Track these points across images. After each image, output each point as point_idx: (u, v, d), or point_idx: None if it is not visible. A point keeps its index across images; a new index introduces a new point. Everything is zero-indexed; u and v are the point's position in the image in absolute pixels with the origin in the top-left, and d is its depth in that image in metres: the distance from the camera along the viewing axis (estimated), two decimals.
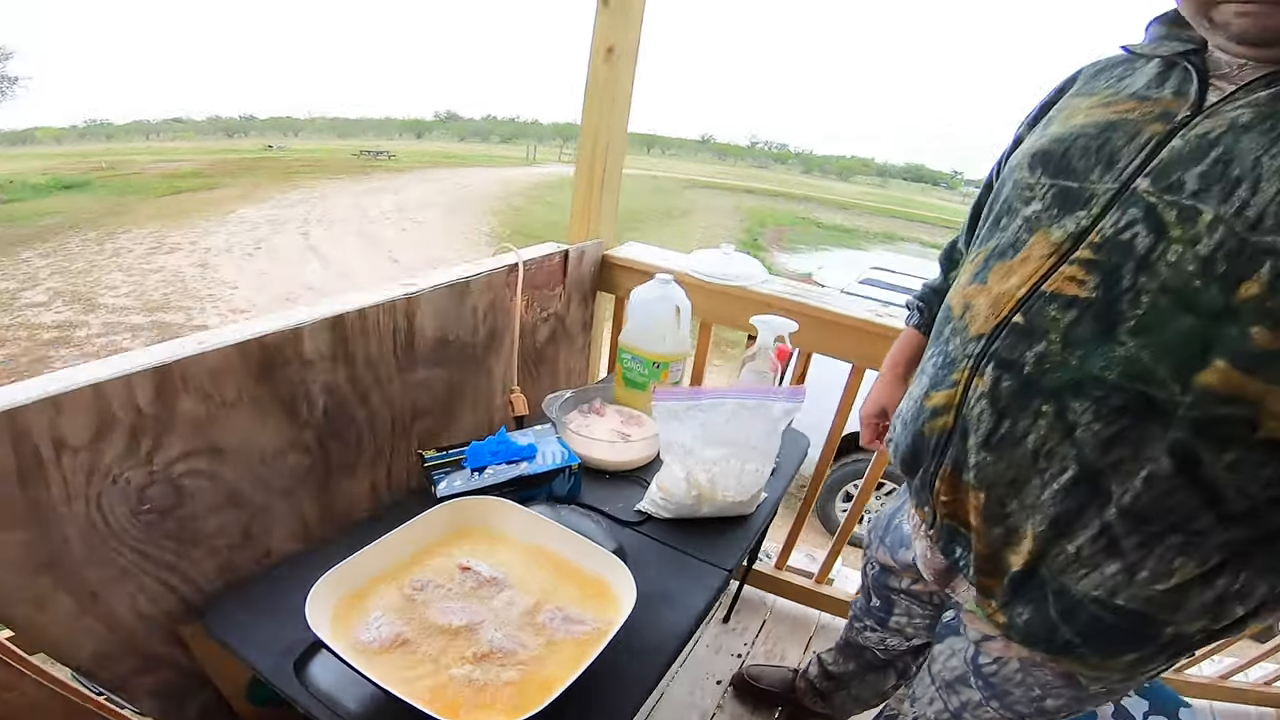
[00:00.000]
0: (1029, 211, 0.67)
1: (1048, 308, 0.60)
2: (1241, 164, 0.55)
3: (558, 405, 1.23)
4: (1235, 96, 0.59)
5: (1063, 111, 0.73)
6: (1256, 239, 0.52)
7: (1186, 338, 0.54)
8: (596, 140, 1.45)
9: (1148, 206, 0.58)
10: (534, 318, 1.37)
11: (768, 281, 1.42)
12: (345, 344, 0.96)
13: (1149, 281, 0.56)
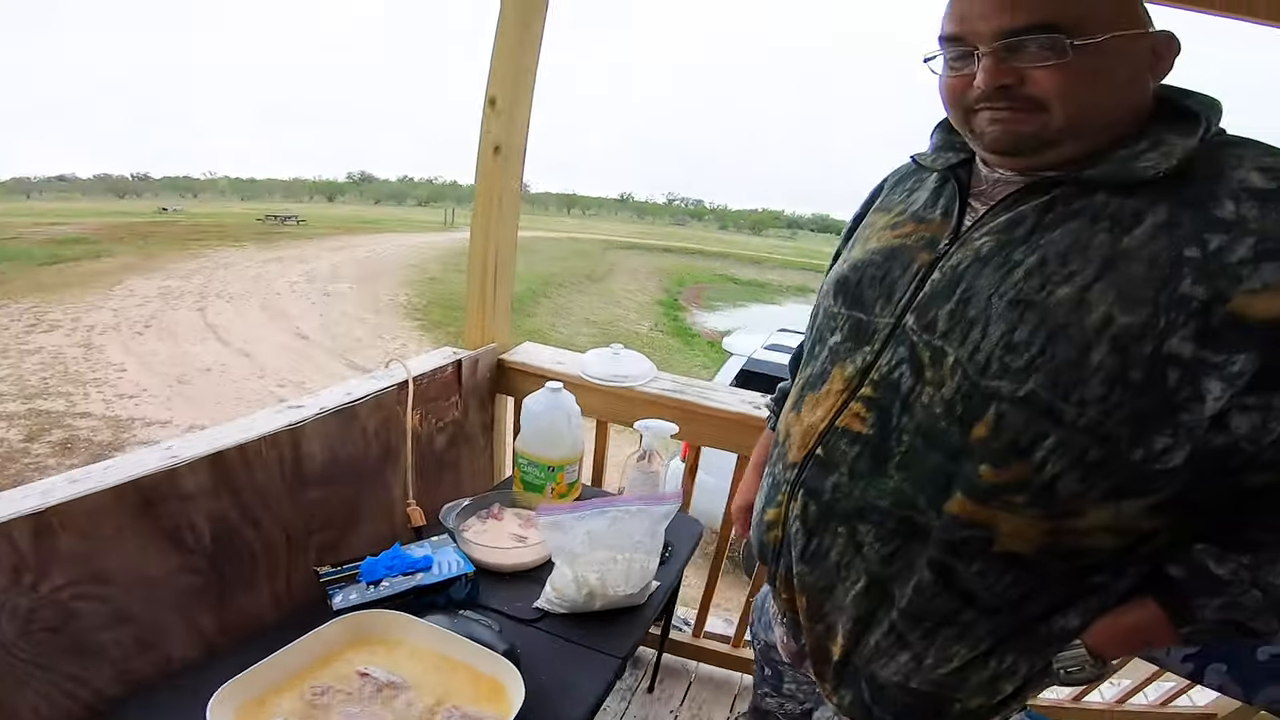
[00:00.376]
0: (833, 342, 0.77)
1: (840, 442, 0.71)
2: (977, 303, 0.64)
3: (454, 514, 1.27)
4: (984, 220, 0.69)
5: (865, 230, 0.84)
6: (985, 383, 0.61)
7: (935, 473, 0.64)
8: (487, 242, 1.53)
9: (911, 345, 0.67)
10: (430, 428, 1.41)
11: (656, 379, 1.52)
12: (227, 478, 0.98)
13: (909, 422, 0.66)
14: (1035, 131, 0.64)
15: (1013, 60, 0.63)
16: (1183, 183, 0.60)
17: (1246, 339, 0.55)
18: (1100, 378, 0.57)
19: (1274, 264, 0.55)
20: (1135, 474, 0.59)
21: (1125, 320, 0.57)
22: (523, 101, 1.48)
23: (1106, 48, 0.62)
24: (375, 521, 1.29)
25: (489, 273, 1.55)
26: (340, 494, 1.19)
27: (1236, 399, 0.56)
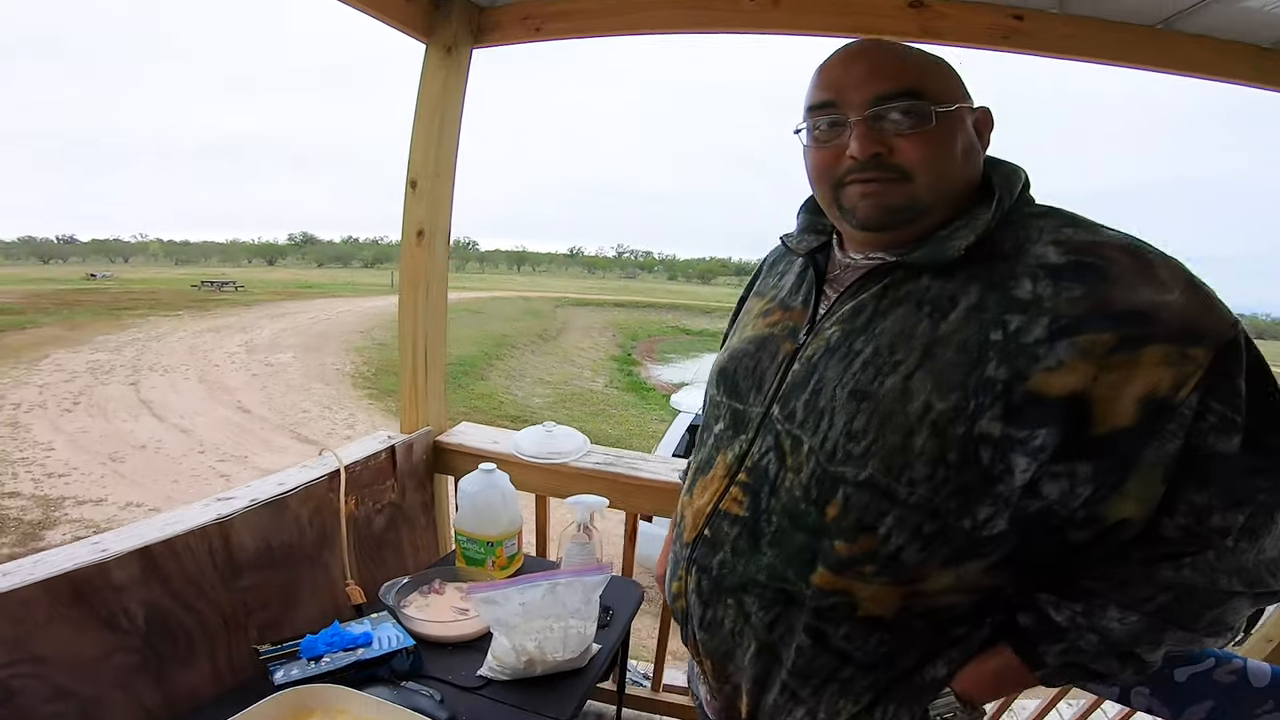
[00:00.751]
0: (717, 430, 0.82)
1: (722, 524, 0.77)
2: (825, 394, 0.69)
3: (393, 592, 1.32)
4: (834, 309, 0.74)
5: (745, 316, 0.90)
6: (833, 469, 0.67)
7: (800, 549, 0.70)
8: (416, 328, 1.60)
9: (776, 435, 0.72)
10: (367, 511, 1.46)
11: (589, 454, 1.62)
12: (156, 569, 1.03)
13: (776, 504, 0.72)
14: (904, 204, 0.70)
15: (880, 129, 0.68)
16: (992, 261, 0.66)
17: (1046, 414, 0.60)
18: (924, 460, 0.63)
19: (1066, 341, 0.60)
20: (967, 540, 0.65)
21: (941, 406, 0.63)
22: (444, 183, 1.55)
23: (955, 118, 0.69)
24: (315, 601, 1.33)
25: (419, 358, 1.61)
26: (276, 578, 1.24)
27: (1043, 469, 0.61)
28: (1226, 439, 0.60)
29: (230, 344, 14.22)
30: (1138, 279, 0.60)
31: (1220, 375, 0.59)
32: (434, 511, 1.71)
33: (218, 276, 36.83)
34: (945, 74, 0.72)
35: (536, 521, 1.73)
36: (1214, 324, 0.59)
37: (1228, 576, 0.62)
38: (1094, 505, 0.63)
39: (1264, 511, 0.61)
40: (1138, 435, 0.60)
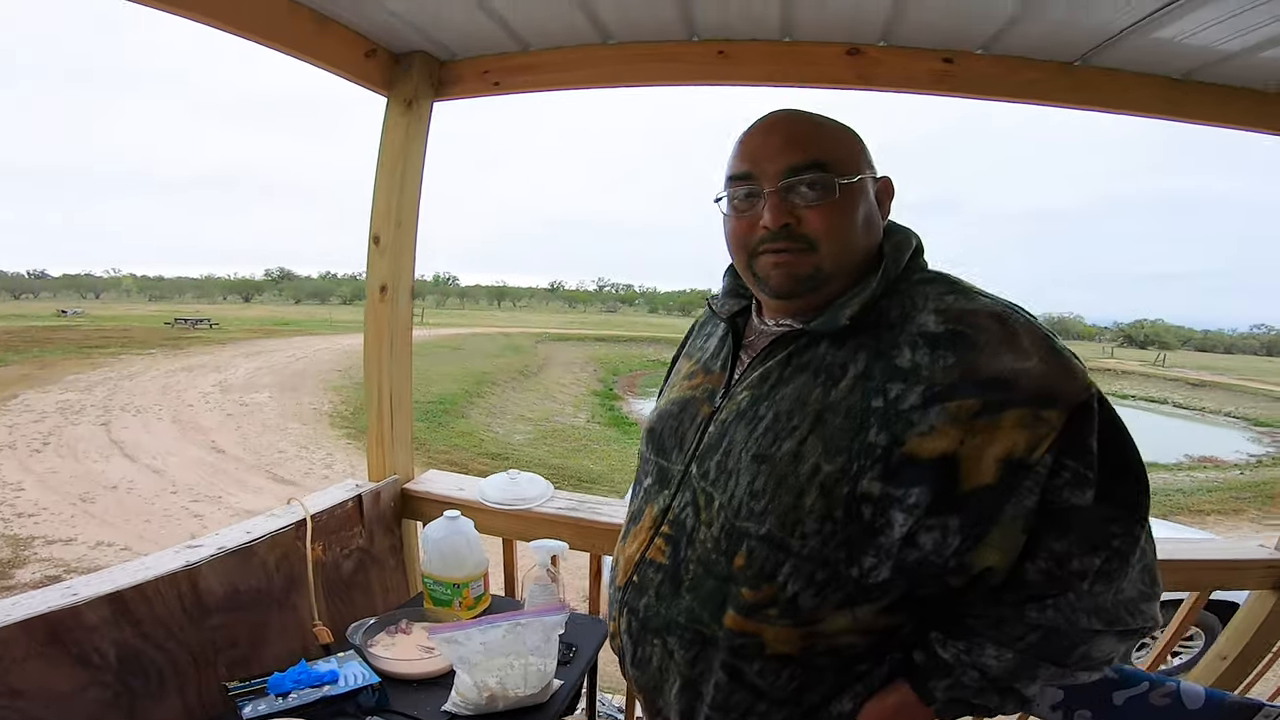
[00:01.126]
0: (646, 484, 0.89)
1: (648, 571, 0.83)
2: (733, 456, 0.76)
3: (360, 632, 1.37)
4: (746, 374, 0.80)
5: (674, 377, 0.97)
6: (738, 524, 0.74)
7: (713, 595, 0.76)
8: (381, 381, 1.66)
9: (693, 491, 0.79)
10: (335, 556, 1.52)
11: (552, 499, 1.69)
12: (127, 612, 1.08)
13: (692, 554, 0.78)
14: (809, 273, 0.76)
15: (790, 200, 0.74)
16: (879, 329, 0.73)
17: (920, 474, 0.66)
18: (814, 516, 0.70)
19: (938, 407, 0.66)
20: (856, 587, 0.71)
21: (828, 469, 0.69)
22: (407, 236, 1.60)
23: (857, 189, 0.75)
24: (284, 641, 1.37)
25: (385, 409, 1.67)
26: (245, 619, 1.29)
27: (919, 523, 0.68)
28: (1080, 492, 0.66)
29: (204, 383, 14.04)
30: (1002, 347, 0.67)
31: (1073, 435, 0.66)
32: (403, 555, 1.76)
33: (192, 313, 36.32)
34: (851, 145, 0.78)
35: (504, 563, 1.79)
36: (1067, 388, 0.66)
37: (1087, 616, 0.69)
38: (963, 555, 0.69)
39: (1118, 557, 0.68)
40: (998, 492, 0.66)
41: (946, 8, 1.18)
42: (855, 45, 1.37)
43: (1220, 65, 1.26)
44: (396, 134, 1.58)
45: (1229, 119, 1.36)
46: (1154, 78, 1.34)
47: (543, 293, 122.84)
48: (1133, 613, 0.70)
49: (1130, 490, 0.69)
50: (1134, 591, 0.70)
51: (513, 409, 15.00)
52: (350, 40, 1.46)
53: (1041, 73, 1.35)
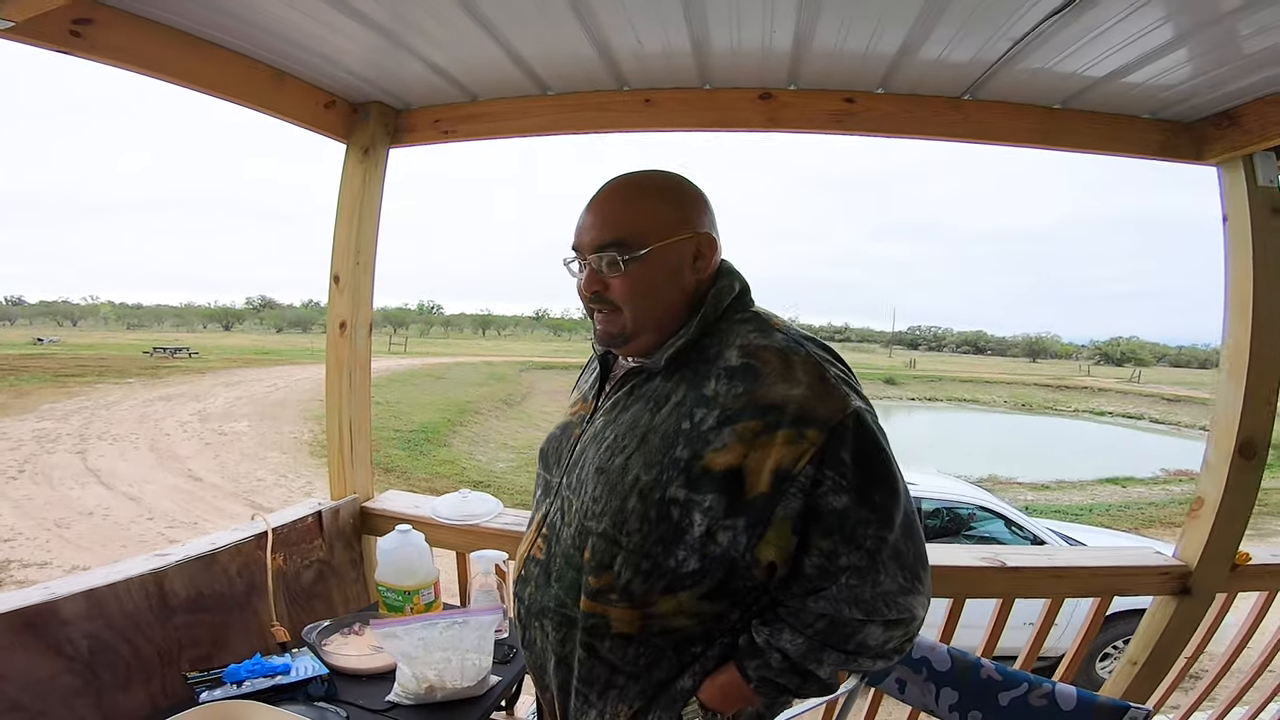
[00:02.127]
0: (537, 495, 1.07)
1: (531, 566, 0.99)
2: (585, 469, 0.91)
3: (315, 632, 1.47)
4: (603, 403, 0.96)
5: (567, 405, 1.11)
6: (586, 523, 0.89)
7: (572, 583, 0.91)
8: (341, 410, 1.77)
9: (563, 500, 0.95)
10: (296, 565, 1.62)
11: (500, 515, 1.81)
12: (99, 608, 1.20)
13: (558, 549, 0.94)
14: (617, 330, 0.91)
15: (600, 270, 0.89)
16: (697, 364, 0.88)
17: (713, 483, 0.81)
18: (635, 516, 0.85)
19: (729, 428, 0.81)
20: (674, 575, 0.85)
21: (645, 479, 0.84)
22: (365, 277, 1.73)
23: (650, 259, 0.87)
24: (245, 640, 1.47)
25: (345, 436, 1.79)
26: (208, 619, 1.39)
27: (716, 523, 0.82)
28: (838, 498, 0.80)
29: (182, 413, 13.90)
30: (778, 378, 0.82)
31: (831, 450, 0.79)
32: (363, 567, 1.85)
33: (171, 342, 35.81)
34: (661, 216, 0.90)
35: (457, 574, 1.89)
36: (826, 411, 0.80)
37: (849, 607, 0.82)
38: (750, 550, 0.83)
39: (868, 555, 0.81)
40: (771, 497, 0.80)
41: (839, 50, 1.33)
42: (767, 90, 1.53)
43: (1092, 91, 1.41)
44: (355, 179, 1.72)
45: (1104, 145, 1.52)
46: (1034, 108, 1.50)
47: (528, 321, 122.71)
48: (889, 604, 0.82)
49: (884, 497, 0.81)
50: (892, 585, 0.82)
51: (496, 437, 14.98)
52: (309, 93, 1.60)
53: (931, 109, 1.51)
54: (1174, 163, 1.55)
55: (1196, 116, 1.48)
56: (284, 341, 50.24)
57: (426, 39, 1.35)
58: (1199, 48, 1.21)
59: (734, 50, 1.35)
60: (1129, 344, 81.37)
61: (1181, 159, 1.53)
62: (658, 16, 1.22)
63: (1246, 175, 1.46)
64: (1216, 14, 1.09)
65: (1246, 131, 1.39)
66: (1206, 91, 1.37)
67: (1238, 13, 1.08)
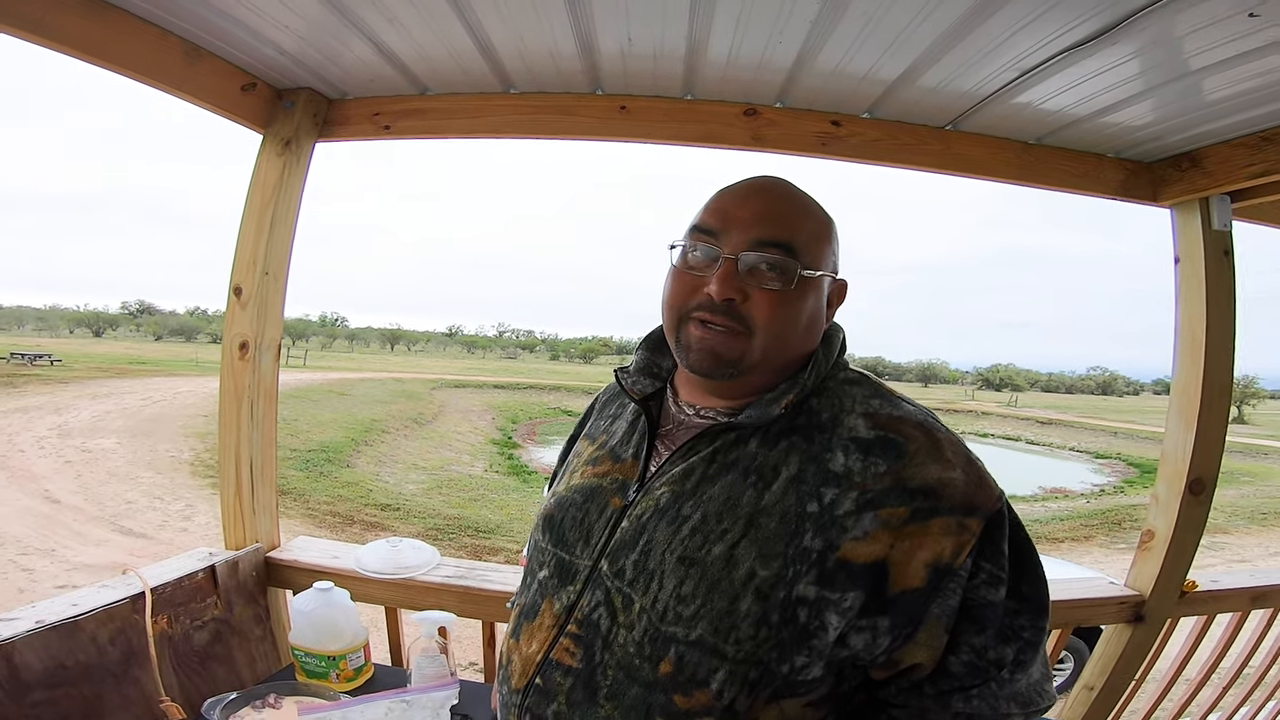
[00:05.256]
0: (542, 576, 0.82)
1: (554, 674, 0.75)
2: (655, 556, 0.71)
3: (219, 709, 1.22)
4: (665, 468, 0.76)
5: (574, 460, 0.90)
6: (665, 629, 0.69)
7: (637, 703, 0.70)
8: (239, 446, 1.50)
9: (606, 591, 0.73)
10: (185, 628, 1.35)
11: (438, 566, 1.59)
12: None
13: (610, 658, 0.72)
14: (735, 357, 0.73)
15: (744, 275, 0.72)
16: (810, 430, 0.72)
17: (853, 579, 0.67)
18: (749, 621, 0.68)
19: (871, 514, 0.67)
20: (786, 683, 0.70)
21: (764, 574, 0.68)
22: (275, 290, 1.49)
23: (813, 285, 0.74)
24: (126, 716, 1.22)
25: (243, 475, 1.51)
26: (74, 694, 1.13)
27: (851, 624, 0.68)
28: (994, 591, 0.69)
29: (40, 426, 12.41)
30: (929, 458, 0.70)
31: (989, 540, 0.69)
32: (270, 623, 1.59)
33: (31, 348, 31.83)
34: (824, 239, 0.77)
35: (389, 632, 1.66)
36: (985, 498, 0.70)
37: (1006, 702, 0.71)
38: (891, 652, 0.70)
39: (1030, 647, 0.71)
40: (926, 594, 0.68)
41: (839, 70, 1.27)
42: (753, 105, 1.45)
43: (1069, 129, 1.43)
44: (270, 175, 1.48)
45: (1074, 184, 1.54)
46: (1011, 142, 1.50)
47: (440, 337, 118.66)
48: (1040, 694, 0.74)
49: (1034, 588, 0.73)
50: (1039, 674, 0.74)
51: (405, 457, 14.24)
52: (226, 73, 1.38)
53: (916, 137, 1.48)
54: (1131, 203, 1.59)
55: (1159, 157, 1.53)
56: (164, 350, 45.94)
57: (382, 14, 1.17)
58: (1171, 95, 1.25)
59: (730, 59, 1.26)
60: (1007, 370, 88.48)
61: (1139, 199, 1.58)
62: (660, 11, 1.10)
63: (1202, 218, 1.51)
64: (1189, 67, 1.13)
65: (1208, 174, 1.44)
66: (1172, 134, 1.41)
67: (1211, 67, 1.11)
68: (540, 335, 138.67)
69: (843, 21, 1.09)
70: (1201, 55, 1.09)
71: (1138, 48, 1.08)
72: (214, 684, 1.40)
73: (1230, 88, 1.19)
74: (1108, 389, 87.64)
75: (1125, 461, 22.27)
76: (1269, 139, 1.33)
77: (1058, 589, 1.77)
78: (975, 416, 36.81)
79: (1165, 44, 1.07)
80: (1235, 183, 1.40)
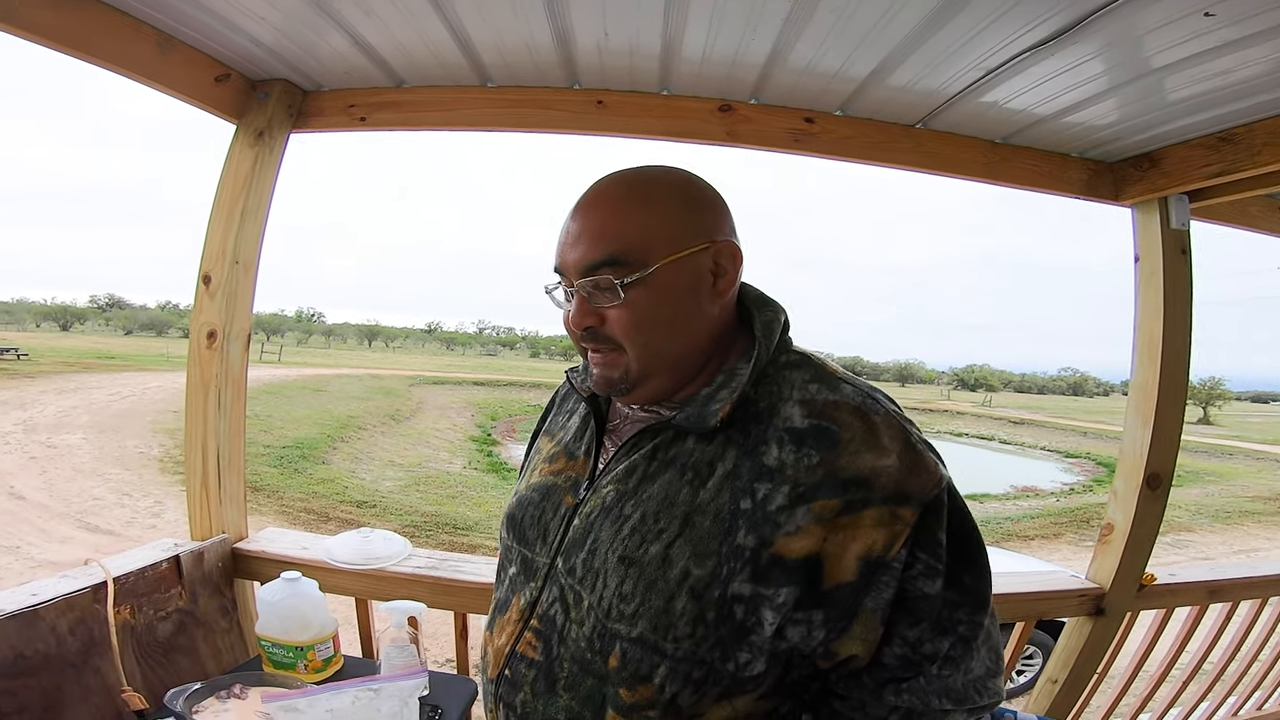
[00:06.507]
0: (510, 572, 0.84)
1: (520, 665, 0.77)
2: (599, 555, 0.72)
3: (182, 699, 1.20)
4: (611, 465, 0.76)
5: (535, 457, 0.91)
6: (609, 625, 0.71)
7: (592, 693, 0.72)
8: (206, 436, 1.48)
9: (560, 588, 0.75)
10: (148, 619, 1.34)
11: (409, 557, 1.58)
12: None
13: (565, 651, 0.74)
14: (619, 375, 0.73)
15: (593, 298, 0.71)
16: (747, 423, 0.71)
17: (787, 575, 0.66)
18: (685, 619, 0.68)
19: (804, 507, 0.66)
20: (732, 680, 0.70)
21: (698, 573, 0.68)
22: (245, 280, 1.47)
23: (657, 279, 0.70)
24: (86, 707, 1.20)
25: (209, 466, 1.50)
26: (33, 684, 1.12)
27: (786, 618, 0.67)
28: (930, 583, 0.68)
29: (5, 422, 12.10)
30: (863, 446, 0.68)
31: (925, 530, 0.67)
32: (237, 614, 1.57)
33: None
34: (665, 222, 0.72)
35: (359, 624, 1.65)
36: (920, 485, 0.67)
37: (939, 698, 0.71)
38: (828, 644, 0.69)
39: (962, 642, 0.71)
40: (858, 588, 0.67)
41: (810, 68, 1.29)
42: (728, 101, 1.47)
43: (1035, 129, 1.46)
44: (242, 165, 1.47)
45: (1039, 183, 1.58)
46: (979, 141, 1.53)
47: (419, 334, 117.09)
48: (980, 690, 0.72)
49: (975, 579, 0.71)
50: (981, 670, 0.72)
51: (382, 454, 14.09)
52: (199, 63, 1.37)
53: (888, 135, 1.50)
54: (1094, 202, 1.64)
55: (1120, 157, 1.57)
56: (134, 345, 44.89)
57: (359, 6, 1.17)
58: (1132, 94, 1.28)
59: (705, 55, 1.27)
60: (981, 371, 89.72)
61: (1101, 199, 1.63)
62: (636, 6, 1.11)
63: (1161, 217, 1.56)
64: (1149, 67, 1.16)
65: (1166, 174, 1.49)
66: (1133, 134, 1.45)
67: (1170, 66, 1.15)
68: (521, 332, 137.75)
69: (814, 19, 1.11)
70: (1160, 55, 1.11)
71: (1098, 47, 1.11)
72: (178, 675, 1.38)
73: (1189, 88, 1.22)
74: (1079, 390, 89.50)
75: (1094, 461, 22.79)
76: (1226, 139, 1.37)
77: (1019, 582, 1.82)
78: (951, 416, 37.42)
79: (1125, 44, 1.10)
80: (1193, 182, 1.44)
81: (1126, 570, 1.69)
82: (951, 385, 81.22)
